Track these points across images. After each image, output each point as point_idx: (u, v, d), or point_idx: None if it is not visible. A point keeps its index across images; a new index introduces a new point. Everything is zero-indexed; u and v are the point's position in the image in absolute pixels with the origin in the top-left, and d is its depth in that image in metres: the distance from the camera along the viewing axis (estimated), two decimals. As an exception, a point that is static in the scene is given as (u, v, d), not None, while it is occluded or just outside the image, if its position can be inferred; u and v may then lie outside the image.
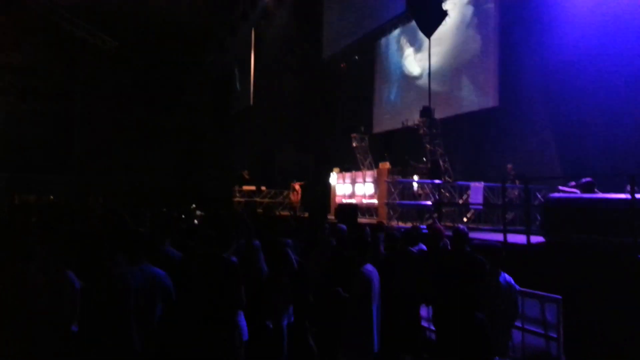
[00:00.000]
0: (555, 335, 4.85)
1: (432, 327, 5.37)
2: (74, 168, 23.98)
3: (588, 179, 6.81)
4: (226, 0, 23.77)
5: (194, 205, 14.23)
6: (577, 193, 6.89)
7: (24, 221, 7.01)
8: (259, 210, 14.20)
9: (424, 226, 7.75)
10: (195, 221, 9.63)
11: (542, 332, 4.96)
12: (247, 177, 19.61)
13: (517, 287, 4.16)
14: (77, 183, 22.38)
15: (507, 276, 4.06)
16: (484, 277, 3.79)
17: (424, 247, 5.48)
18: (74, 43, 23.14)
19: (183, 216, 10.16)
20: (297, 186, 16.99)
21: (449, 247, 5.51)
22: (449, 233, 5.62)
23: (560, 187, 7.59)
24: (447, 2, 13.95)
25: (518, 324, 4.78)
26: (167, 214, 9.57)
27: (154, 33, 23.38)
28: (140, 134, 25.35)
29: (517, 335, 4.95)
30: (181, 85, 25.97)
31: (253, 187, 19.24)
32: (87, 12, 22.27)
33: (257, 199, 18.66)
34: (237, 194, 19.03)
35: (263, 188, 19.42)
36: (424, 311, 5.49)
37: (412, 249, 5.28)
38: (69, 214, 8.99)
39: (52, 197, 19.37)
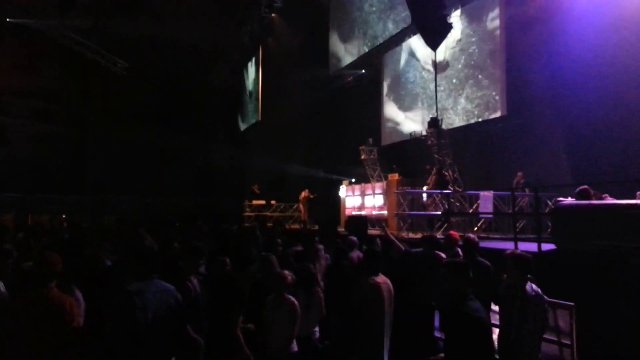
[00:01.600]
0: (568, 342, 4.82)
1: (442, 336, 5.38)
2: (87, 188, 24.25)
3: (583, 187, 6.74)
4: (234, 20, 24.15)
5: (199, 222, 14.26)
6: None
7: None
8: (269, 224, 14.23)
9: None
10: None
11: (556, 339, 4.94)
12: (257, 191, 19.73)
13: (546, 297, 4.11)
14: (90, 203, 22.58)
15: (534, 286, 4.00)
16: (490, 281, 3.79)
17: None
18: (86, 65, 23.60)
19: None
20: (304, 193, 16.70)
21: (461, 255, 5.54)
22: (460, 242, 5.65)
23: (560, 199, 7.54)
24: (453, 15, 14.06)
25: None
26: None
27: (163, 54, 23.80)
28: (152, 153, 25.63)
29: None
30: (191, 104, 26.24)
31: (263, 202, 19.34)
32: (99, 35, 22.75)
33: (267, 213, 18.74)
34: (247, 209, 19.14)
35: (273, 202, 19.51)
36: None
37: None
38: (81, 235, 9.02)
39: (64, 216, 19.57)
